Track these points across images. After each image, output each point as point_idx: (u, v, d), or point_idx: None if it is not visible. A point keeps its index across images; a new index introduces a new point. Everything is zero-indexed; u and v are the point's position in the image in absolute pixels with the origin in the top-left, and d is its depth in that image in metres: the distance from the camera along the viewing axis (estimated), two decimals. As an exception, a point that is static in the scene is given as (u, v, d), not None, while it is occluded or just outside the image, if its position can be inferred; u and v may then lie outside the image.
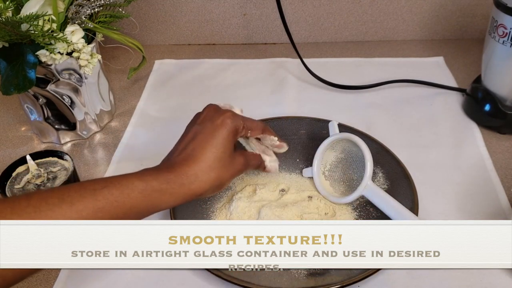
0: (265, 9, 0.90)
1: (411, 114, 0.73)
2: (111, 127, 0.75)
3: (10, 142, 0.72)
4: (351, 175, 0.60)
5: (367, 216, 0.56)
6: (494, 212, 0.57)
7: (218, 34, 0.94)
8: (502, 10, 0.62)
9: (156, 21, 0.93)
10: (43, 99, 0.66)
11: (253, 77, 0.84)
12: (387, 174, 0.60)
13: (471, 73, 0.81)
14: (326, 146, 0.61)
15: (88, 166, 0.68)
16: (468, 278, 0.50)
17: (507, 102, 0.67)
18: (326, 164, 0.62)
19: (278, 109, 0.74)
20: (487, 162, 0.64)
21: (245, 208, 0.57)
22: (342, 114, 0.71)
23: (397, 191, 0.57)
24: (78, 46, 0.61)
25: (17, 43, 0.60)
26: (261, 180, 0.62)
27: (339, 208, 0.58)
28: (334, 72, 0.82)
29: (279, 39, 0.93)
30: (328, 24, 0.91)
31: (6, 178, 0.60)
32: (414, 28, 0.91)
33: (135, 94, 0.81)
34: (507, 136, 0.68)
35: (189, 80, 0.84)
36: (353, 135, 0.58)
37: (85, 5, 0.62)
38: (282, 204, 0.57)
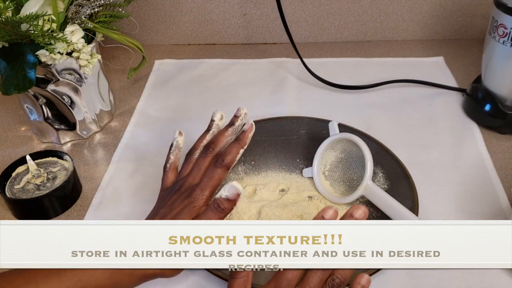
0: (265, 9, 0.90)
1: (411, 114, 0.73)
2: (111, 127, 0.75)
3: (10, 142, 0.72)
4: (351, 175, 0.60)
5: (368, 216, 0.56)
6: (494, 212, 0.57)
7: (218, 34, 0.94)
8: (502, 10, 0.62)
9: (156, 21, 0.93)
10: (43, 99, 0.66)
11: (253, 77, 0.84)
12: (387, 174, 0.60)
13: (471, 73, 0.81)
14: (326, 146, 0.61)
15: (88, 166, 0.68)
16: (468, 278, 0.50)
17: (507, 102, 0.67)
18: (326, 164, 0.62)
19: (278, 109, 0.74)
20: (487, 162, 0.64)
21: (245, 208, 0.57)
22: (342, 114, 0.71)
23: (397, 191, 0.57)
24: (78, 46, 0.61)
25: (17, 43, 0.60)
26: (261, 180, 0.62)
27: (339, 208, 0.58)
28: (334, 72, 0.82)
29: (279, 39, 0.93)
30: (328, 24, 0.91)
31: (6, 178, 0.60)
32: (414, 28, 0.91)
33: (135, 94, 0.81)
34: (507, 136, 0.68)
35: (189, 80, 0.84)
36: (353, 135, 0.58)
37: (85, 5, 0.62)
38: (282, 204, 0.57)
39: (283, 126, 0.66)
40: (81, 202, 0.62)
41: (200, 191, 0.51)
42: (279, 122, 0.66)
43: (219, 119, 0.58)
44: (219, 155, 0.54)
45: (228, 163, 0.53)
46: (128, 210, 0.60)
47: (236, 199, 0.47)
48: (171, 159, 0.56)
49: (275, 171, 0.63)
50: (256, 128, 0.64)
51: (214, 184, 0.52)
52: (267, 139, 0.65)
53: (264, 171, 0.63)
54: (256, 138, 0.65)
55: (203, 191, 0.51)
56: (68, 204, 0.61)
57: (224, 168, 0.53)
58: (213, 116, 0.58)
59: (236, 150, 0.54)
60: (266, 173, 0.63)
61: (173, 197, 0.51)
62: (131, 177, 0.65)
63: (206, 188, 0.51)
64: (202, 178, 0.53)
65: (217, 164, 0.53)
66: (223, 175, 0.53)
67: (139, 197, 0.62)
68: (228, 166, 0.53)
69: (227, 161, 0.53)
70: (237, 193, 0.47)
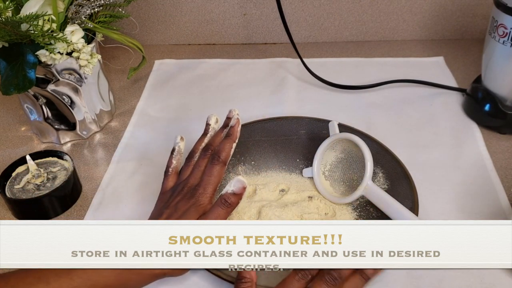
0: (265, 9, 0.90)
1: (411, 114, 0.73)
2: (111, 127, 0.75)
3: (10, 142, 0.72)
4: (351, 175, 0.59)
5: (367, 216, 0.56)
6: (494, 212, 0.57)
7: (218, 34, 0.94)
8: (502, 10, 0.62)
9: (156, 21, 0.93)
10: (43, 99, 0.66)
11: (253, 77, 0.84)
12: (387, 174, 0.60)
13: (471, 73, 0.81)
14: (326, 146, 0.61)
15: (88, 166, 0.68)
16: (468, 278, 0.50)
17: (507, 102, 0.67)
18: (326, 164, 0.62)
19: (278, 109, 0.74)
20: (487, 162, 0.64)
21: (245, 208, 0.57)
22: (342, 114, 0.71)
23: (397, 191, 0.57)
24: (78, 46, 0.61)
25: (17, 43, 0.60)
26: (261, 180, 0.62)
27: (339, 208, 0.58)
28: (334, 72, 0.82)
29: (279, 39, 0.93)
30: (328, 24, 0.91)
31: (6, 178, 0.60)
32: (414, 28, 0.91)
33: (135, 94, 0.81)
34: (507, 136, 0.68)
35: (189, 80, 0.84)
36: (353, 135, 0.58)
37: (85, 5, 0.62)
38: (282, 204, 0.57)
39: (283, 126, 0.66)
40: (81, 202, 0.62)
41: (203, 190, 0.52)
42: (279, 122, 0.66)
43: (215, 122, 0.61)
44: (214, 153, 0.55)
45: (224, 159, 0.55)
46: (128, 210, 0.60)
47: (242, 193, 0.49)
48: (173, 163, 0.57)
49: (275, 171, 0.63)
50: (256, 128, 0.64)
51: (214, 181, 0.53)
52: (267, 139, 0.65)
53: (264, 171, 0.63)
54: (256, 138, 0.65)
55: (205, 189, 0.52)
56: (68, 204, 0.61)
57: (221, 164, 0.54)
58: (208, 120, 0.61)
59: (229, 146, 0.56)
60: (266, 173, 0.63)
61: (176, 199, 0.52)
62: (131, 177, 0.65)
63: (207, 186, 0.52)
64: (202, 177, 0.54)
65: (214, 162, 0.54)
66: (221, 171, 0.54)
67: (139, 197, 0.62)
68: (225, 161, 0.55)
69: (223, 157, 0.55)
70: (243, 187, 0.49)
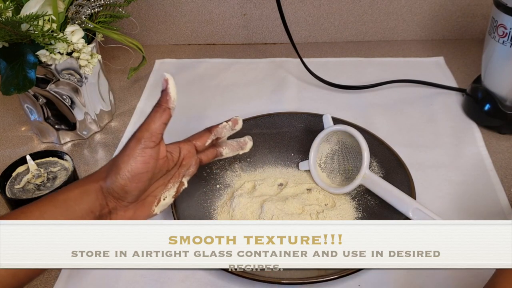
0: (265, 9, 0.90)
1: (411, 114, 0.73)
2: (111, 127, 0.75)
3: (10, 142, 0.72)
4: (346, 166, 0.60)
5: (366, 204, 0.57)
6: (494, 212, 0.57)
7: (218, 34, 0.94)
8: (502, 10, 0.62)
9: (156, 21, 0.93)
10: (43, 99, 0.66)
11: (253, 77, 0.84)
12: (381, 163, 0.61)
13: (471, 73, 0.81)
14: (321, 139, 0.61)
15: (88, 166, 0.68)
16: (468, 278, 0.50)
17: (507, 102, 0.67)
18: (321, 156, 0.62)
19: (278, 109, 0.74)
20: (487, 162, 0.64)
21: (247, 203, 0.58)
22: (342, 114, 0.71)
23: (393, 178, 0.57)
24: (78, 46, 0.61)
25: (17, 43, 0.60)
26: (258, 176, 0.63)
27: (338, 198, 0.59)
28: (334, 72, 0.82)
29: (279, 39, 0.93)
30: (328, 24, 0.91)
31: (6, 178, 0.60)
32: (414, 28, 0.91)
33: (135, 94, 0.81)
34: (507, 136, 0.68)
35: (189, 80, 0.84)
36: (348, 127, 0.59)
37: (85, 5, 0.62)
38: (283, 198, 0.58)
39: (275, 122, 0.67)
40: (81, 202, 0.62)
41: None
42: (271, 118, 0.67)
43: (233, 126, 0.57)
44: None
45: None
46: (128, 210, 0.60)
47: (166, 86, 0.48)
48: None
49: (271, 166, 0.64)
50: (249, 125, 0.64)
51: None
52: (260, 136, 0.65)
53: (261, 167, 0.64)
54: (249, 134, 0.65)
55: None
56: (68, 204, 0.61)
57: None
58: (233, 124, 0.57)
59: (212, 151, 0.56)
60: (263, 168, 0.64)
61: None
62: (131, 177, 0.65)
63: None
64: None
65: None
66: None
67: (139, 197, 0.62)
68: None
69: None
70: (164, 79, 0.48)
